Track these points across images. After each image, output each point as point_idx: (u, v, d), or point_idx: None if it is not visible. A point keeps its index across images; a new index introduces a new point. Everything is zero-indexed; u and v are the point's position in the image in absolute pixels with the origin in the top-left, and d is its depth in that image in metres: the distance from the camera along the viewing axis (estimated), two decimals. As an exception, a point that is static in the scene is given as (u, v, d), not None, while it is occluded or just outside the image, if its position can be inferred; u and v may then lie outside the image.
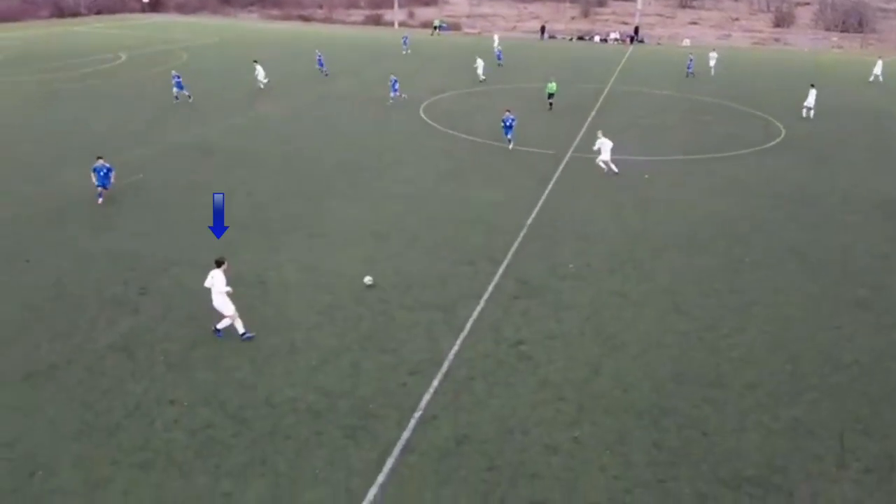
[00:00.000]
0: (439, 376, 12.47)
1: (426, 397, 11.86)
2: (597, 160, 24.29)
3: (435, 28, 74.08)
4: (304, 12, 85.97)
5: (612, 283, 16.39)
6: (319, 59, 44.28)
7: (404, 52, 55.35)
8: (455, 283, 16.17)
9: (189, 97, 34.63)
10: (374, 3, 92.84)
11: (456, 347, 13.43)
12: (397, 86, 35.56)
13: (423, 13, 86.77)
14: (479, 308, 14.99)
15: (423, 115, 33.51)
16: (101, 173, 20.30)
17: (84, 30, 67.00)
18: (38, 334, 13.48)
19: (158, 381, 12.13)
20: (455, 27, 77.10)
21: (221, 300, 13.13)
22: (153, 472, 9.98)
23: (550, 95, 34.69)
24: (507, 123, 26.71)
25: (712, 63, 47.37)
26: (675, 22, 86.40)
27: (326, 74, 43.49)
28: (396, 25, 78.17)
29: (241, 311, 14.25)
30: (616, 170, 24.13)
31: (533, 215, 20.63)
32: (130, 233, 18.56)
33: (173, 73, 35.67)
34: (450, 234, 19.03)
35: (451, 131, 30.45)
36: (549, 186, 23.33)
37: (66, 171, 23.20)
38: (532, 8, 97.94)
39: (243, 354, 12.92)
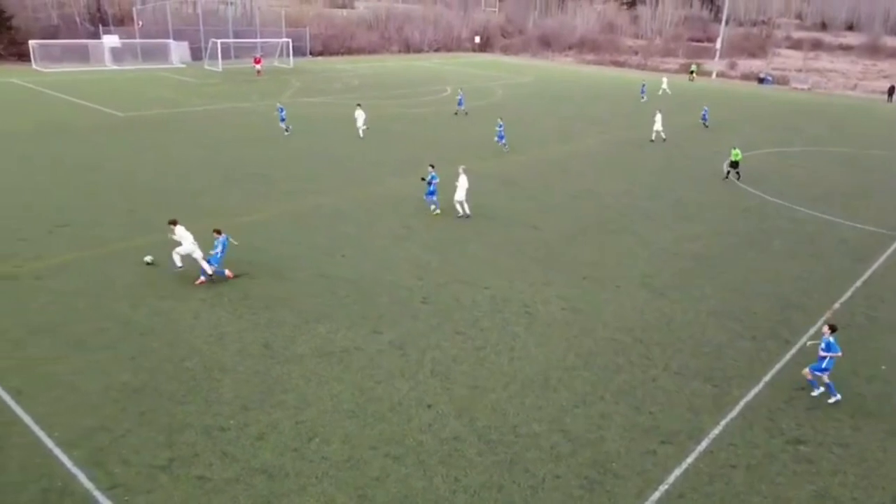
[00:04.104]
0: (695, 454, 11.42)
1: (676, 472, 10.95)
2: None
3: (692, 72, 70.18)
4: (620, 58, 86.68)
5: (938, 399, 13.35)
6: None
7: (642, 100, 52.89)
8: (732, 356, 14.70)
9: (286, 131, 34.96)
10: (694, 52, 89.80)
11: (720, 427, 12.17)
12: (503, 132, 33.41)
13: (747, 64, 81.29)
14: (755, 390, 13.40)
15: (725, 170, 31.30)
16: (219, 248, 17.03)
17: (423, 64, 76.63)
18: (338, 320, 15.64)
19: (422, 384, 13.17)
20: (782, 81, 70.65)
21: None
22: (401, 467, 10.83)
23: (734, 164, 29.51)
24: (430, 181, 22.85)
25: None
26: None
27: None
28: (714, 76, 74.58)
29: (504, 334, 14.96)
30: (469, 212, 22.39)
31: (843, 298, 17.84)
32: (427, 246, 20.52)
33: (278, 105, 37.18)
34: (737, 302, 17.39)
35: (754, 191, 27.93)
36: (872, 269, 19.96)
37: (386, 180, 26.68)
38: (883, 65, 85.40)
39: (502, 379, 13.36)
